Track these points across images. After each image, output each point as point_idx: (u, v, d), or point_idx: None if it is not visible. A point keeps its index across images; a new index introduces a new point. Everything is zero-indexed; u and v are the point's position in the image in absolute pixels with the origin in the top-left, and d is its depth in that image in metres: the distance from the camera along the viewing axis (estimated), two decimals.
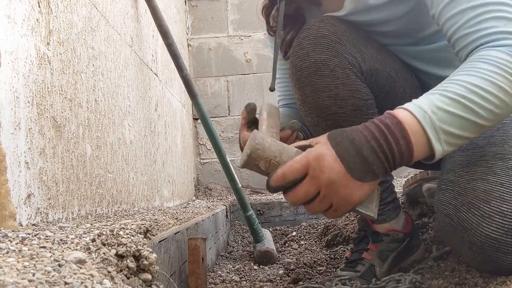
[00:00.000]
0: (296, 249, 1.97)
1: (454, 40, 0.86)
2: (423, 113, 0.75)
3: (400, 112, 0.76)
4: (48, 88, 0.94)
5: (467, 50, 0.84)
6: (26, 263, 0.53)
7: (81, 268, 0.56)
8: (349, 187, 0.75)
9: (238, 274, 1.57)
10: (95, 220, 1.05)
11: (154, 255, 0.72)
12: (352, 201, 0.76)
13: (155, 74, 1.97)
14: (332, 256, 1.66)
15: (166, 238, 1.00)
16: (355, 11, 1.07)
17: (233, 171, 1.95)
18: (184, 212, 1.71)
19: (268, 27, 1.26)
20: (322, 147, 0.77)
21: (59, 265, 0.54)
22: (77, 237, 0.69)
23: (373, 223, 1.21)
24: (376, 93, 1.11)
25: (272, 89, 0.99)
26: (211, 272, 1.56)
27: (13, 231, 0.70)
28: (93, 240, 0.68)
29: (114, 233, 0.72)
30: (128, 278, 0.67)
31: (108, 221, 1.01)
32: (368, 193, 0.77)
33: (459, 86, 0.77)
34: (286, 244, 2.09)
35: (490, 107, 0.76)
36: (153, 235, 0.92)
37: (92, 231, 0.75)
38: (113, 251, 0.67)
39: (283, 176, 0.76)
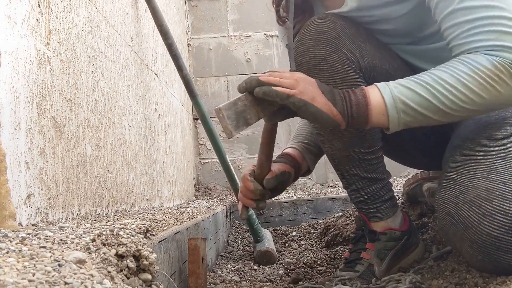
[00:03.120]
0: (296, 249, 1.97)
1: (451, 47, 0.95)
2: (384, 85, 0.93)
3: (368, 86, 0.96)
4: (48, 88, 0.94)
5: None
6: (26, 263, 0.53)
7: (81, 268, 0.56)
8: (314, 89, 0.94)
9: (238, 274, 1.57)
10: (95, 220, 1.05)
11: (154, 255, 0.72)
12: (311, 95, 0.92)
13: (155, 74, 1.97)
14: (332, 256, 1.66)
15: (166, 238, 1.00)
16: (355, 9, 1.09)
17: (233, 171, 1.95)
18: (184, 212, 1.71)
19: (277, 17, 1.28)
20: None
21: (59, 265, 0.54)
22: (77, 237, 0.69)
23: (370, 221, 1.21)
24: None
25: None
26: (211, 272, 1.56)
27: (13, 231, 0.70)
28: (93, 240, 0.68)
29: (114, 233, 0.72)
30: (128, 278, 0.67)
31: (108, 221, 1.01)
32: (322, 106, 0.93)
33: (428, 76, 0.91)
34: (286, 244, 2.09)
35: (453, 98, 0.89)
36: (153, 235, 0.92)
37: (92, 231, 0.75)
38: (113, 251, 0.67)
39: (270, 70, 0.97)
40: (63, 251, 0.61)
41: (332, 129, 1.14)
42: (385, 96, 0.92)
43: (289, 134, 3.10)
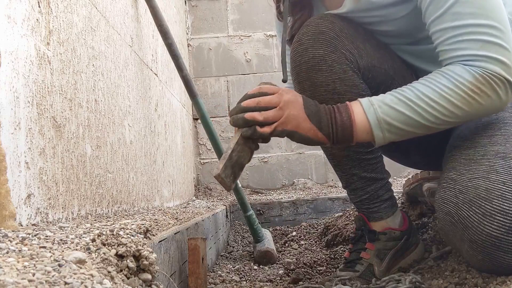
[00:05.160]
0: (296, 249, 1.97)
1: (437, 52, 0.97)
2: (369, 104, 0.96)
3: (352, 102, 0.98)
4: (48, 88, 0.94)
5: (444, 64, 0.96)
6: (26, 263, 0.53)
7: (81, 268, 0.56)
8: (299, 114, 0.96)
9: (238, 274, 1.57)
10: (95, 220, 1.05)
11: (154, 255, 0.72)
12: (295, 123, 0.95)
13: (155, 74, 1.97)
14: (332, 256, 1.66)
15: (166, 238, 1.00)
16: (354, 9, 1.09)
17: None
18: (184, 212, 1.71)
19: (277, 13, 1.27)
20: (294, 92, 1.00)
21: (59, 265, 0.54)
22: (77, 237, 0.69)
23: (369, 221, 1.21)
24: (373, 89, 1.13)
25: (284, 80, 1.05)
26: (211, 272, 1.56)
27: (13, 231, 0.70)
28: (93, 240, 0.68)
29: (114, 233, 0.72)
30: (128, 278, 0.67)
31: (108, 221, 1.01)
32: (306, 132, 0.96)
33: (411, 92, 0.94)
34: (286, 244, 2.09)
35: (436, 113, 0.92)
36: (153, 235, 0.92)
37: (92, 231, 0.75)
38: (113, 251, 0.67)
39: (259, 89, 0.98)
40: (63, 251, 0.61)
41: None
42: (370, 117, 0.95)
43: None
